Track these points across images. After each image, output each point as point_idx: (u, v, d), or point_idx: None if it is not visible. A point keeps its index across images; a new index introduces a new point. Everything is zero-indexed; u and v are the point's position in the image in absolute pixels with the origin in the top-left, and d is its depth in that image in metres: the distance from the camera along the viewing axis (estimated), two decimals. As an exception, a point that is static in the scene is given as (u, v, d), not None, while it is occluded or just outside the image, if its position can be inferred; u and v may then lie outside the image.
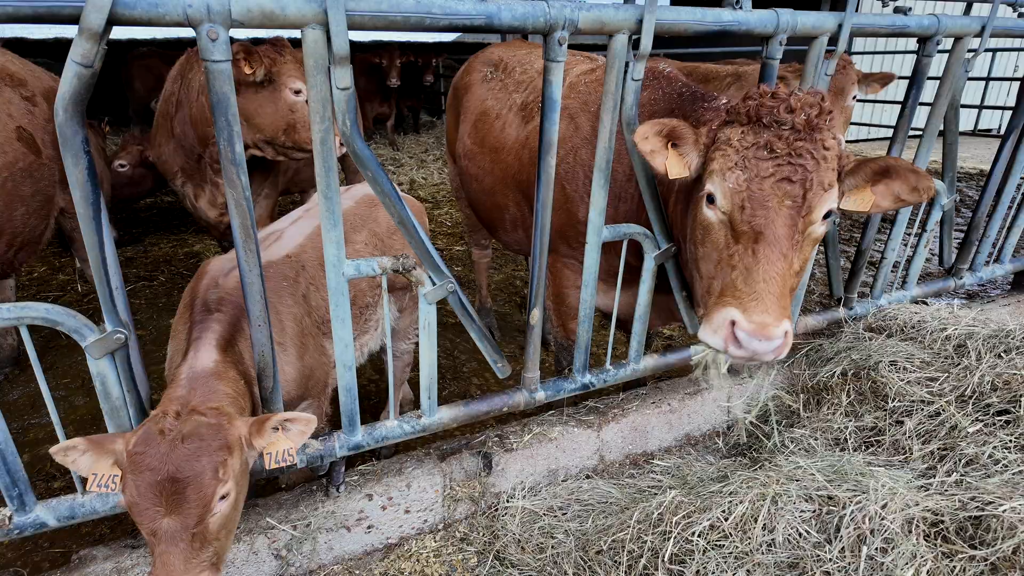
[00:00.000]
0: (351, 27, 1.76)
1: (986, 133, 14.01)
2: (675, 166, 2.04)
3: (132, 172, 6.60)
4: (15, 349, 4.53)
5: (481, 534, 2.65)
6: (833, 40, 2.64)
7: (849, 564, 1.61)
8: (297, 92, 3.87)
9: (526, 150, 3.19)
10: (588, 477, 2.95)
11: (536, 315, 2.54)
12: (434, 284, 2.28)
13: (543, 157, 2.24)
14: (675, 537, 1.92)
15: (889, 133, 10.69)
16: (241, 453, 1.80)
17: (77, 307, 5.49)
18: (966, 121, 14.72)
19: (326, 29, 1.74)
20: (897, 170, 1.96)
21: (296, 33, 1.78)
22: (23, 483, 1.94)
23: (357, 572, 2.49)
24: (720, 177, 1.92)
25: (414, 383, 4.15)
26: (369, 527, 2.52)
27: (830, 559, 1.64)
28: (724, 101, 2.48)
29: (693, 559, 1.85)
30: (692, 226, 2.20)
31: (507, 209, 3.55)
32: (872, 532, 1.63)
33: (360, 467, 2.65)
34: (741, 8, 2.39)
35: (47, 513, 1.99)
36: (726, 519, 1.89)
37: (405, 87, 11.91)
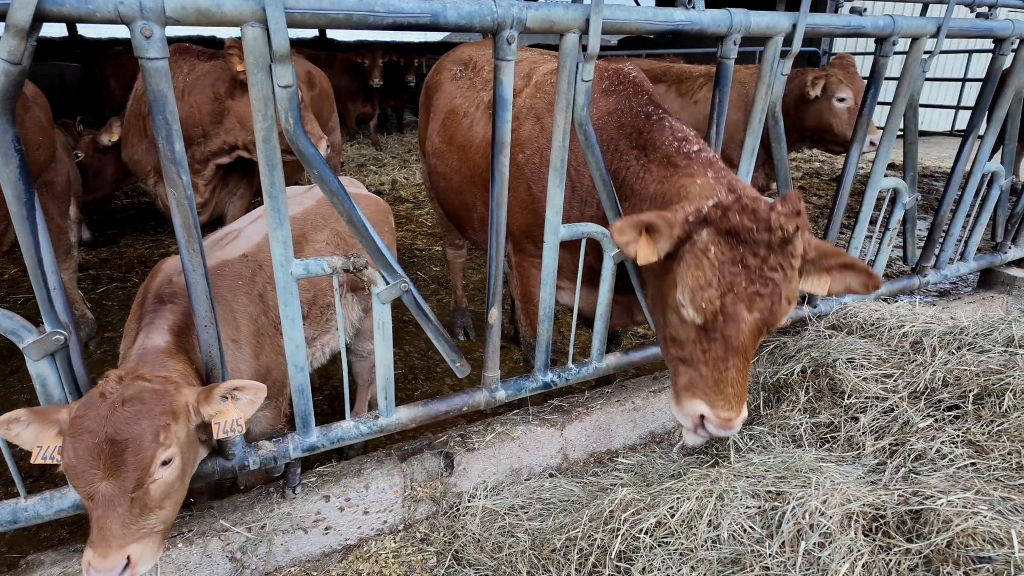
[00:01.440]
0: (291, 25, 1.75)
1: (962, 133, 14.19)
2: (646, 253, 2.03)
3: (90, 161, 6.43)
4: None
5: (441, 534, 2.64)
6: (788, 41, 2.66)
7: (788, 559, 1.62)
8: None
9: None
10: (552, 476, 2.95)
11: (495, 314, 2.54)
12: (387, 283, 2.27)
13: (496, 156, 2.24)
14: (623, 534, 1.92)
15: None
16: (187, 421, 1.79)
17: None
18: (943, 122, 14.91)
19: (265, 27, 1.72)
20: (855, 267, 2.09)
21: (236, 31, 1.77)
22: (-38, 487, 1.90)
23: (314, 574, 2.47)
24: (692, 291, 1.95)
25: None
26: (327, 528, 2.51)
27: (770, 554, 1.65)
28: (696, 147, 2.44)
29: (639, 556, 1.86)
30: (661, 299, 2.23)
31: (475, 208, 3.54)
32: (811, 527, 1.64)
33: (318, 468, 2.63)
34: (694, 8, 2.40)
35: (-12, 518, 1.96)
36: (672, 516, 1.90)
37: (388, 87, 11.87)
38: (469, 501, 2.74)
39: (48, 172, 4.39)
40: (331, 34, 17.06)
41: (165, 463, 1.71)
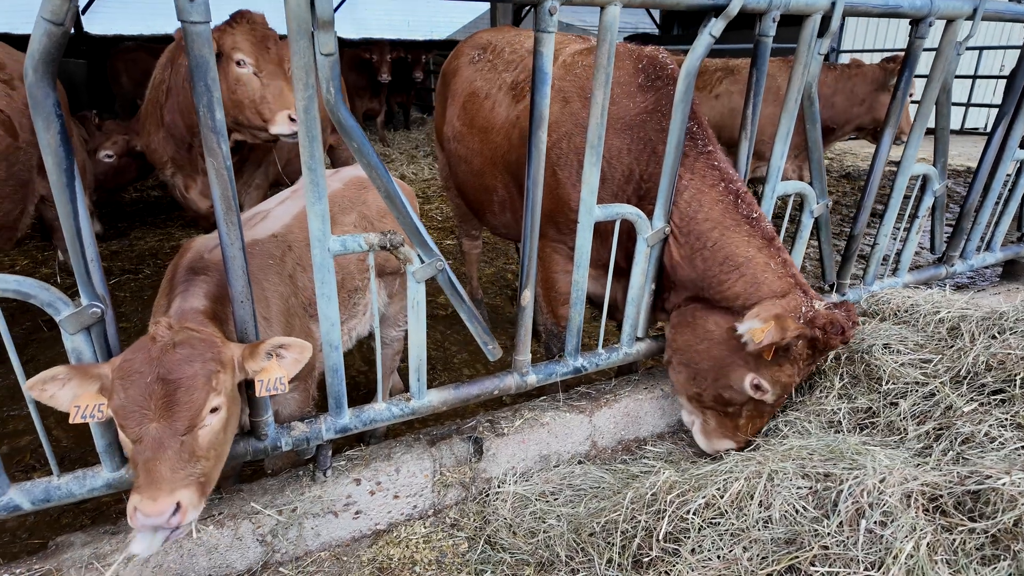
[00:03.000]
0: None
1: (973, 131, 14.12)
2: (762, 338, 2.33)
3: (118, 162, 6.49)
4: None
5: (472, 520, 2.60)
6: (826, 19, 2.62)
7: (848, 538, 1.57)
8: (240, 63, 3.63)
9: (516, 129, 3.15)
10: (580, 463, 2.91)
11: (527, 296, 2.50)
12: (422, 262, 2.23)
13: (534, 132, 2.20)
14: (670, 516, 1.88)
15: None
16: (233, 374, 1.78)
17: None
18: (953, 119, 14.83)
19: (309, -9, 1.68)
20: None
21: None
22: (-5, 464, 1.86)
23: (344, 558, 2.43)
24: (781, 385, 2.48)
25: (404, 373, 4.09)
26: (357, 513, 2.46)
27: (828, 533, 1.61)
28: (753, 210, 2.60)
29: (688, 537, 1.81)
30: (714, 363, 2.60)
31: (495, 191, 3.50)
32: (871, 506, 1.60)
33: (347, 452, 2.59)
34: (733, -17, 2.36)
35: (21, 496, 1.92)
36: (721, 496, 1.85)
37: (395, 83, 11.84)
38: (499, 487, 2.69)
39: (64, 159, 4.34)
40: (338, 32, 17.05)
41: (214, 410, 1.70)
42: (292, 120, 3.49)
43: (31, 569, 2.04)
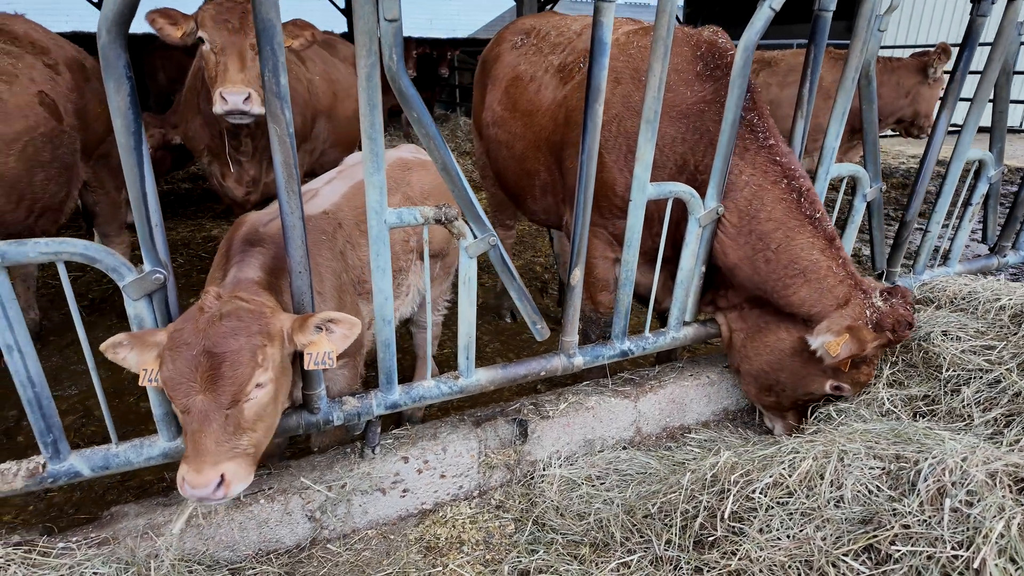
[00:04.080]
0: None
1: (1015, 130, 13.79)
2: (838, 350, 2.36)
3: (153, 154, 6.59)
4: (37, 324, 4.50)
5: (517, 502, 2.57)
6: (887, -6, 2.54)
7: (931, 517, 1.51)
8: (201, 40, 3.50)
9: (563, 110, 3.11)
10: (624, 448, 2.86)
11: (577, 275, 2.46)
12: (475, 237, 2.20)
13: (591, 104, 2.16)
14: (734, 495, 1.82)
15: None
16: (281, 347, 1.77)
17: (96, 286, 5.49)
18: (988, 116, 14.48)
19: (376, -47, 1.67)
20: None
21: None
22: (57, 430, 1.88)
23: (391, 537, 2.41)
24: (860, 384, 2.55)
25: (440, 360, 4.07)
26: (404, 491, 2.45)
27: (909, 512, 1.54)
28: (817, 209, 2.55)
29: (756, 516, 1.76)
30: (790, 368, 2.60)
31: (537, 175, 3.46)
32: (954, 485, 1.53)
33: (394, 431, 2.57)
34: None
35: (81, 462, 1.93)
36: (789, 476, 1.80)
37: (420, 79, 11.85)
38: (544, 470, 2.66)
39: (105, 145, 4.41)
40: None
41: (259, 385, 1.69)
42: (223, 98, 3.32)
43: (87, 538, 2.05)
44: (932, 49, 5.58)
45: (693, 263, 2.65)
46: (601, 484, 2.57)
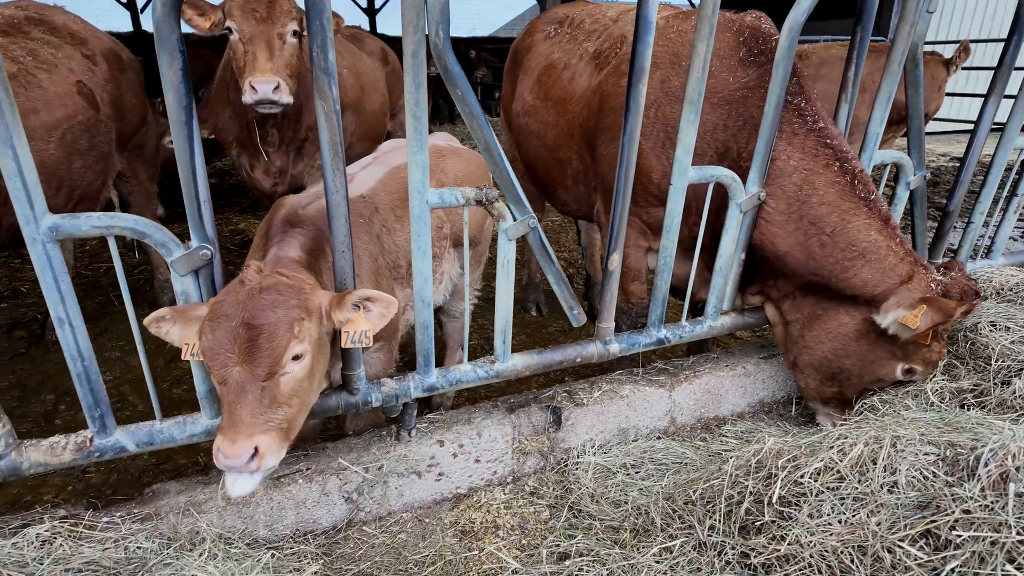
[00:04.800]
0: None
1: None
2: (915, 323, 2.29)
3: None
4: (73, 311, 4.58)
5: (551, 488, 2.55)
6: (935, -26, 2.47)
7: (994, 503, 1.46)
8: (229, 31, 3.49)
9: (597, 96, 3.09)
10: (658, 438, 2.82)
11: (616, 260, 2.43)
12: (515, 219, 2.19)
13: (634, 84, 2.13)
14: (782, 480, 1.79)
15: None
16: (319, 323, 1.77)
17: (128, 277, 5.57)
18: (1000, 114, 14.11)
19: (426, -72, 1.66)
20: None
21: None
22: (104, 404, 1.90)
23: (426, 520, 2.41)
24: (932, 363, 2.46)
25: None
26: (440, 475, 2.44)
27: (970, 497, 1.50)
28: (870, 190, 2.49)
29: (805, 501, 1.72)
30: (858, 355, 2.51)
31: (569, 163, 3.44)
32: (1018, 469, 1.48)
33: (428, 415, 2.57)
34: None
35: (127, 438, 1.95)
36: (840, 460, 1.75)
37: (438, 77, 11.91)
38: (579, 457, 2.64)
39: (139, 136, 4.49)
40: (380, 27, 17.25)
41: (296, 358, 1.69)
42: (252, 88, 3.32)
43: (131, 513, 2.07)
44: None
45: (733, 250, 2.61)
46: (636, 473, 2.54)
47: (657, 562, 1.85)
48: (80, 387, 1.85)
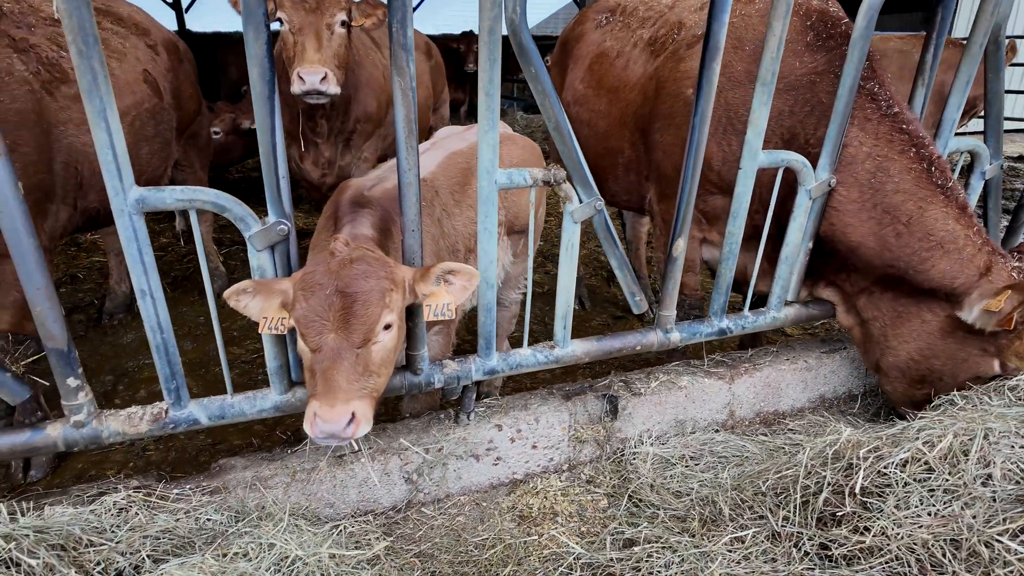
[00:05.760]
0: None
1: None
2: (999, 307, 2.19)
3: (224, 139, 6.82)
4: (128, 296, 4.72)
5: (608, 477, 2.51)
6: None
7: (1106, 496, 1.38)
8: (280, 22, 3.53)
9: (653, 82, 3.04)
10: (716, 431, 2.76)
11: (680, 245, 2.38)
12: (581, 201, 2.16)
13: (707, 64, 2.08)
14: (865, 470, 1.72)
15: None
16: (403, 295, 1.78)
17: (178, 265, 5.72)
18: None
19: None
20: None
21: None
22: (180, 377, 1.93)
23: (484, 504, 2.40)
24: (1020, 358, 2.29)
25: (512, 343, 4.05)
26: (497, 459, 2.43)
27: (1080, 491, 1.42)
28: (947, 178, 2.38)
29: (891, 491, 1.65)
30: (948, 355, 2.39)
31: (621, 152, 3.40)
32: None
33: (485, 400, 2.56)
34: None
35: (200, 410, 1.99)
36: (928, 452, 1.68)
37: (474, 74, 11.94)
38: (636, 447, 2.59)
39: (195, 125, 4.59)
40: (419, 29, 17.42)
41: (387, 327, 1.71)
42: (300, 78, 3.34)
43: (200, 486, 2.11)
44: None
45: (800, 239, 2.54)
46: (696, 464, 2.49)
47: (729, 551, 1.80)
48: (158, 358, 1.88)
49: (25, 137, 2.69)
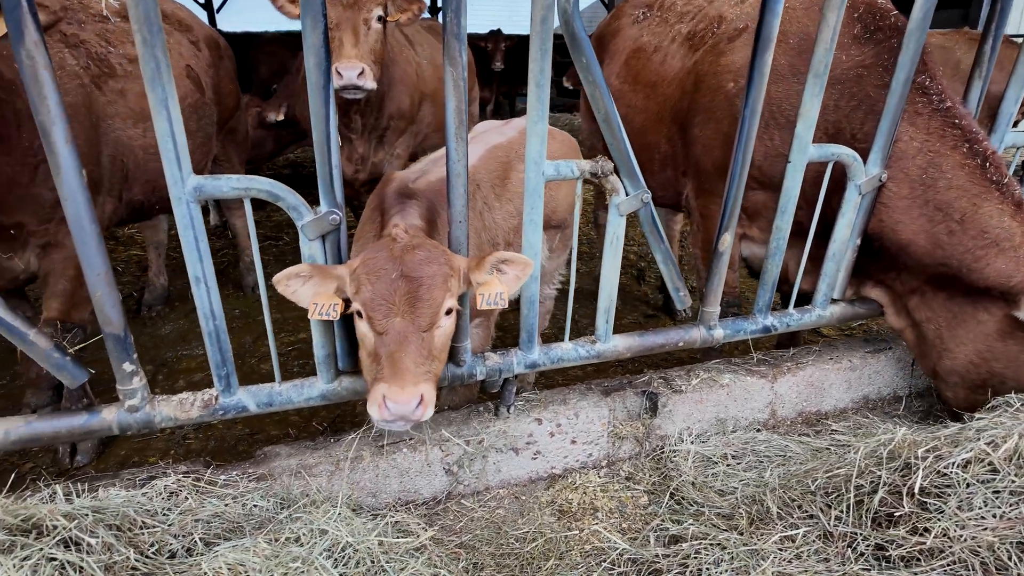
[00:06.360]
0: None
1: None
2: None
3: (253, 133, 6.88)
4: (166, 288, 4.82)
5: (648, 475, 2.49)
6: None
7: None
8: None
9: (692, 76, 3.01)
10: (757, 430, 2.72)
11: (727, 240, 2.35)
12: (627, 194, 2.14)
13: (759, 55, 2.05)
14: (924, 470, 1.67)
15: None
16: (458, 283, 1.80)
17: (214, 259, 5.82)
18: None
19: None
20: None
21: None
22: (230, 364, 1.96)
23: (523, 498, 2.39)
24: None
25: (546, 339, 4.03)
26: (536, 453, 2.42)
27: None
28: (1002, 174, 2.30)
29: (953, 492, 1.61)
30: (991, 347, 2.31)
31: (657, 148, 3.37)
32: None
33: (524, 394, 2.55)
34: None
35: (248, 398, 2.01)
36: (992, 452, 1.63)
37: (508, 73, 11.95)
38: (676, 445, 2.56)
39: (233, 120, 4.66)
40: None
41: (448, 312, 1.73)
42: (338, 73, 3.35)
43: (246, 472, 2.14)
44: None
45: (848, 235, 2.48)
46: (738, 464, 2.45)
47: (780, 550, 1.77)
48: (210, 345, 1.91)
49: (76, 130, 2.74)
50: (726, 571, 1.71)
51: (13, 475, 2.82)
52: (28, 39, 1.45)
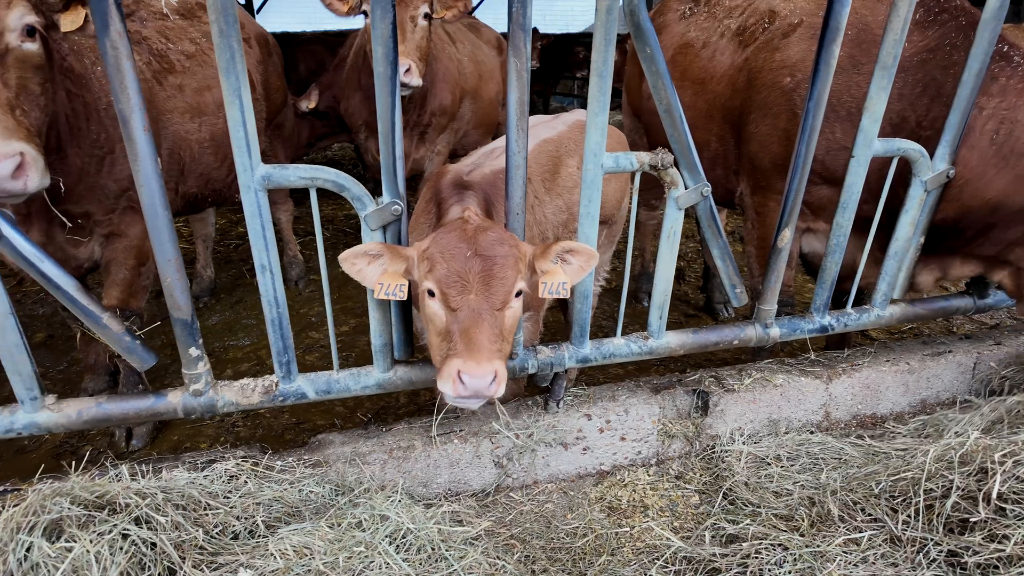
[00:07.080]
0: None
1: None
2: None
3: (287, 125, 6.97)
4: (213, 280, 4.94)
5: (699, 474, 2.45)
6: None
7: None
8: (365, 14, 3.71)
9: (743, 73, 2.96)
10: (811, 432, 2.65)
11: (787, 236, 2.30)
12: (686, 188, 2.11)
13: (826, 46, 2.00)
14: (1003, 475, 1.61)
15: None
16: (525, 268, 1.81)
17: (251, 258, 5.95)
18: None
19: None
20: None
21: None
22: (291, 351, 2.00)
23: (571, 493, 2.38)
24: None
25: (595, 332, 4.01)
26: (585, 448, 2.40)
27: None
28: None
29: (1036, 499, 1.55)
30: None
31: (707, 145, 3.32)
32: None
33: (573, 389, 2.54)
34: None
35: (308, 385, 2.04)
36: (1079, 458, 1.56)
37: (542, 71, 11.95)
38: (728, 445, 2.52)
39: (280, 116, 4.75)
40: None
41: (518, 294, 1.75)
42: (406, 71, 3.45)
43: (301, 459, 2.17)
44: None
45: (911, 233, 2.41)
46: (792, 465, 2.40)
47: (845, 552, 1.72)
48: (272, 332, 1.95)
49: (142, 123, 2.84)
50: (790, 572, 1.67)
51: (74, 457, 2.92)
52: (113, 30, 1.50)
